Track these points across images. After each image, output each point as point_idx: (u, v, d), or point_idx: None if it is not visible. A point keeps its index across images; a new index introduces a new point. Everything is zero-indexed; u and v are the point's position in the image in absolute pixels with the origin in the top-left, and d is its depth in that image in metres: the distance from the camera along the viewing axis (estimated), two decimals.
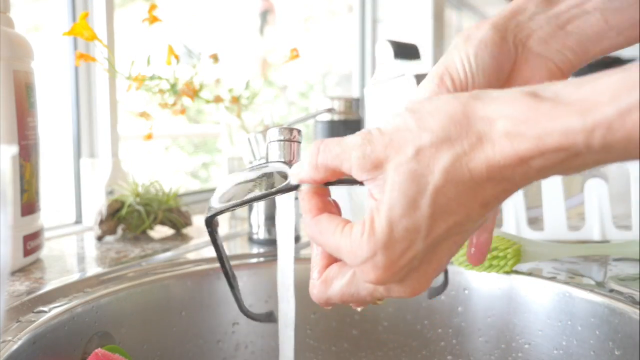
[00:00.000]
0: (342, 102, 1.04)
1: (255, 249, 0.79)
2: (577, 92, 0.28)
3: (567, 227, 0.79)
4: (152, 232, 0.86)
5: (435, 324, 0.70)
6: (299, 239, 0.83)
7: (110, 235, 0.82)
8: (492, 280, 0.68)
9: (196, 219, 0.96)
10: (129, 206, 0.83)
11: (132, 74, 0.85)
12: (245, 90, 0.98)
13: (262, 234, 0.81)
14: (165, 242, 0.82)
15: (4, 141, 0.63)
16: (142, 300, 0.63)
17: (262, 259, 0.74)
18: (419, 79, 1.03)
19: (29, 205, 0.67)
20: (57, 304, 0.56)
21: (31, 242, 0.68)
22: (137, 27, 0.89)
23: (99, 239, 0.81)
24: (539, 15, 0.41)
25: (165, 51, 0.87)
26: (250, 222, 0.82)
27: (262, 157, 0.79)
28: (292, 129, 0.43)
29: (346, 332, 0.72)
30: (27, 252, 0.67)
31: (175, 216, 0.86)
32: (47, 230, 0.77)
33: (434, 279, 0.35)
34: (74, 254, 0.76)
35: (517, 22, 0.41)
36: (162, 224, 0.86)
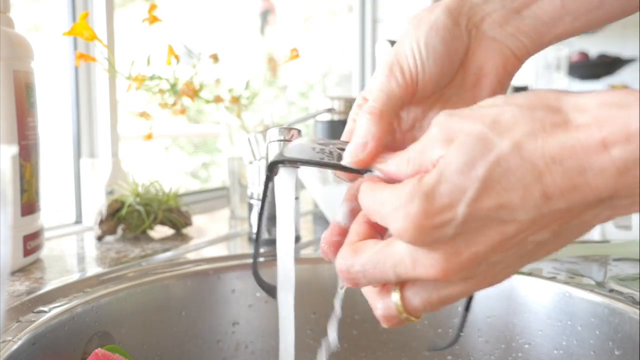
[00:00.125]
0: (342, 102, 1.04)
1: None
2: None
3: None
4: (152, 232, 0.86)
5: (435, 324, 0.70)
6: (299, 239, 0.83)
7: (110, 235, 0.82)
8: None
9: (196, 219, 0.96)
10: (129, 206, 0.83)
11: (132, 74, 0.85)
12: (245, 90, 0.98)
13: (262, 234, 0.81)
14: (165, 242, 0.82)
15: (4, 141, 0.63)
16: (142, 300, 0.63)
17: (262, 259, 0.74)
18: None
19: (29, 205, 0.67)
20: (57, 304, 0.56)
21: (31, 242, 0.68)
22: (137, 27, 0.89)
23: (99, 239, 0.82)
24: None
25: (165, 51, 0.87)
26: (250, 222, 0.82)
27: (262, 157, 0.79)
28: (292, 129, 0.43)
29: (346, 332, 0.72)
30: (27, 252, 0.67)
31: (175, 216, 0.86)
32: (47, 230, 0.77)
33: (465, 272, 0.30)
34: (74, 254, 0.76)
35: (471, 4, 0.40)
36: (162, 224, 0.86)
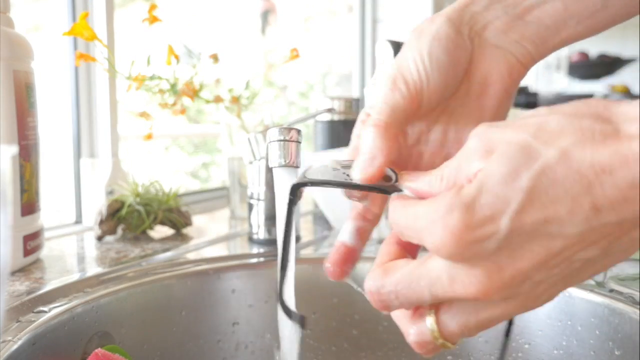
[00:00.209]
0: (342, 102, 1.04)
1: (255, 249, 0.79)
2: None
3: None
4: (152, 232, 0.86)
5: None
6: (299, 239, 0.83)
7: (110, 235, 0.82)
8: None
9: (196, 219, 0.96)
10: (129, 206, 0.83)
11: (132, 74, 0.85)
12: (245, 90, 0.98)
13: (262, 234, 0.81)
14: (165, 242, 0.82)
15: (4, 141, 0.63)
16: (142, 300, 0.63)
17: (262, 259, 0.74)
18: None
19: (29, 205, 0.67)
20: (57, 304, 0.56)
21: (31, 242, 0.68)
22: (137, 27, 0.89)
23: (99, 239, 0.82)
24: (496, 4, 0.39)
25: (165, 51, 0.87)
26: (250, 222, 0.82)
27: (262, 157, 0.79)
28: (292, 129, 0.42)
29: (346, 332, 0.72)
30: (27, 252, 0.67)
31: (175, 216, 0.86)
32: (47, 230, 0.77)
33: (507, 291, 0.29)
34: (74, 254, 0.76)
35: (472, 13, 0.39)
36: (162, 224, 0.86)
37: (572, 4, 0.38)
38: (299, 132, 0.43)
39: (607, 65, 2.55)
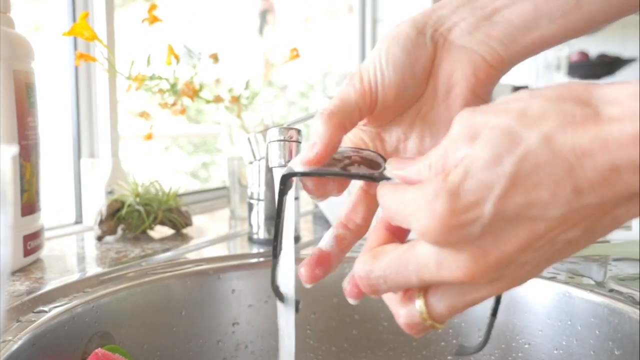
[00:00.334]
0: None
1: (255, 249, 0.79)
2: None
3: None
4: (152, 232, 0.86)
5: None
6: (299, 239, 0.83)
7: (110, 235, 0.82)
8: None
9: (196, 219, 0.96)
10: (129, 206, 0.83)
11: (132, 74, 0.85)
12: (245, 90, 0.98)
13: (262, 234, 0.81)
14: (165, 242, 0.82)
15: (4, 141, 0.63)
16: (142, 300, 0.64)
17: (262, 259, 0.74)
18: None
19: (29, 205, 0.67)
20: (57, 304, 0.56)
21: (31, 242, 0.68)
22: (137, 27, 0.89)
23: (99, 239, 0.82)
24: (464, 7, 0.40)
25: (165, 51, 0.87)
26: (250, 222, 0.82)
27: (262, 157, 0.79)
28: (292, 129, 0.42)
29: (346, 332, 0.72)
30: (27, 252, 0.67)
31: (175, 216, 0.86)
32: (47, 230, 0.77)
33: (493, 274, 0.29)
34: (74, 254, 0.76)
35: (438, 16, 0.40)
36: (162, 224, 0.86)
37: (543, 3, 0.38)
38: (299, 132, 0.43)
39: (607, 65, 2.54)
